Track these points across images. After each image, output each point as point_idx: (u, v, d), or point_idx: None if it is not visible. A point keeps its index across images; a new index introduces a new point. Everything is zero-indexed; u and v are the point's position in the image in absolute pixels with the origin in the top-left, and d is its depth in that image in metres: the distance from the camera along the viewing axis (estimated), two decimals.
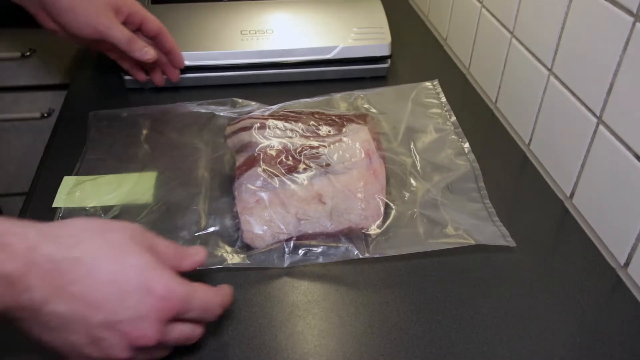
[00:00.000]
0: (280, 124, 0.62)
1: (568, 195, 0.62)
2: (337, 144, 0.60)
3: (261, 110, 0.68)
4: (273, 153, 0.58)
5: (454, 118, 0.71)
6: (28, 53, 1.09)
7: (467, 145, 0.66)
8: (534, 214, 0.61)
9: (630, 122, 0.52)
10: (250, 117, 0.63)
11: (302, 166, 0.57)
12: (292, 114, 0.65)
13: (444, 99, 0.74)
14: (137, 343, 0.37)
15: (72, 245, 0.36)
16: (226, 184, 0.60)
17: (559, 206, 0.62)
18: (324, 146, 0.59)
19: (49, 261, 0.35)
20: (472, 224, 0.56)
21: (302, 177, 0.56)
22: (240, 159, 0.60)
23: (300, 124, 0.62)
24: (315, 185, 0.56)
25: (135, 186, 0.60)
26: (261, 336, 0.47)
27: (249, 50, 0.78)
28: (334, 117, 0.65)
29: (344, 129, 0.62)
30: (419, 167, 0.63)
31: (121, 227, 0.40)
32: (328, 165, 0.58)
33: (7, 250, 0.33)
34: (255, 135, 0.60)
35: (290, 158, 0.58)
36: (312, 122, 0.63)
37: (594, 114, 0.57)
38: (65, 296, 0.35)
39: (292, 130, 0.62)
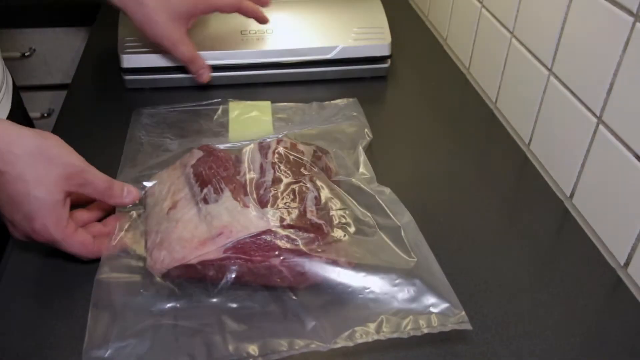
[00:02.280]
0: (282, 152, 0.56)
1: (568, 195, 0.62)
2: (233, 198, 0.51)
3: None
4: (229, 163, 0.54)
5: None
6: (28, 53, 1.09)
7: None
8: (534, 214, 0.61)
9: (630, 122, 0.52)
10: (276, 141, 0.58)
11: (209, 184, 0.52)
12: (297, 159, 0.56)
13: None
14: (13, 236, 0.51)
15: (8, 162, 0.46)
16: None
17: (559, 206, 0.62)
18: (232, 185, 0.52)
19: None
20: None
21: (185, 188, 0.53)
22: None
23: (283, 167, 0.54)
24: (174, 196, 0.53)
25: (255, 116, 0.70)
26: None
27: (249, 50, 0.78)
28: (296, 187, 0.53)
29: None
30: None
31: (59, 163, 0.49)
32: (204, 201, 0.51)
33: None
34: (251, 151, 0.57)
35: (221, 173, 0.53)
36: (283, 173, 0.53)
37: (594, 114, 0.57)
38: None
39: (271, 165, 0.54)
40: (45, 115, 1.15)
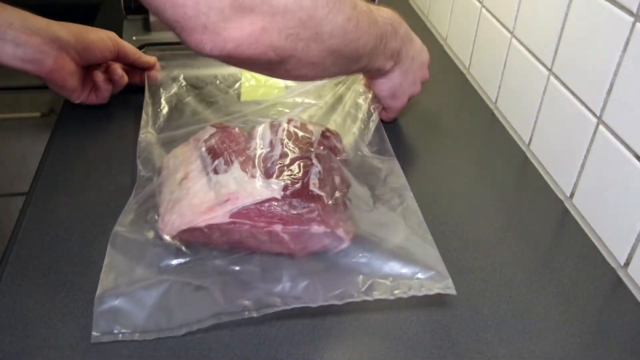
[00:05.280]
0: (291, 130, 0.59)
1: (568, 195, 0.62)
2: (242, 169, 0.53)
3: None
4: (240, 139, 0.57)
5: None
6: None
7: None
8: (534, 214, 0.61)
9: (630, 122, 0.52)
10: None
11: (220, 156, 0.55)
12: (306, 137, 0.58)
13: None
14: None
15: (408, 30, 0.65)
16: None
17: (559, 206, 0.62)
18: (241, 156, 0.55)
19: (407, 35, 0.64)
20: None
21: (197, 161, 0.56)
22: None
23: (291, 144, 0.57)
24: (187, 168, 0.56)
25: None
26: None
27: None
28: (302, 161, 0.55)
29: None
30: None
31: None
32: (215, 171, 0.54)
33: (398, 33, 0.62)
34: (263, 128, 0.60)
35: (232, 147, 0.56)
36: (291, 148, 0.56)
37: (594, 114, 0.57)
38: (411, 51, 0.66)
39: (280, 141, 0.57)
40: (46, 115, 1.14)
